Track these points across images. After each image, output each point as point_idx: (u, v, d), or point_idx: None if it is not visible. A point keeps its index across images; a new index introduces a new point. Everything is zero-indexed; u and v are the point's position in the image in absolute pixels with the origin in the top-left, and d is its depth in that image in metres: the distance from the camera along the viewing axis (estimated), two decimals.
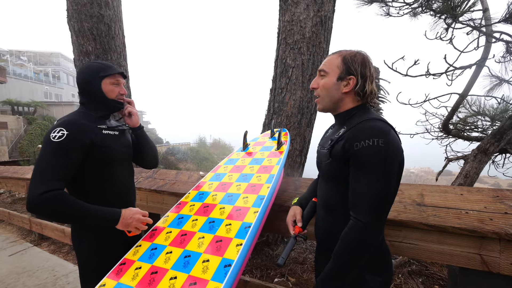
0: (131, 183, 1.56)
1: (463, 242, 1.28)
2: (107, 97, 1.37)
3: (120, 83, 1.41)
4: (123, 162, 1.46)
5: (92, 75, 1.34)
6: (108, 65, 1.38)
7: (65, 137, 1.17)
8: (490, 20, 2.86)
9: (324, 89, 1.10)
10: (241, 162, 1.96)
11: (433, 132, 4.32)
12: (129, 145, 1.53)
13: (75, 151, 1.20)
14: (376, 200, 0.89)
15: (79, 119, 1.28)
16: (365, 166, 0.91)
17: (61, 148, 1.16)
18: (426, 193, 1.49)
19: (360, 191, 0.92)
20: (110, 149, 1.34)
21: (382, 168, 0.89)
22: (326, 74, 1.09)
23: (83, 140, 1.23)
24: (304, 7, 2.84)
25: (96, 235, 1.37)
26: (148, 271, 1.18)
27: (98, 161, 1.31)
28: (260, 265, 2.79)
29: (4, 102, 21.62)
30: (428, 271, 2.56)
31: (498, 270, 1.21)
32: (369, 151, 0.90)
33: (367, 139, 0.90)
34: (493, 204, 1.32)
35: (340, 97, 1.08)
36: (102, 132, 1.34)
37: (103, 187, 1.36)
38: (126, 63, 3.98)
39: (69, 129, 1.20)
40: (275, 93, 3.10)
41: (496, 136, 2.91)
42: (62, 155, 1.16)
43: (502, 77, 3.52)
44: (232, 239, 1.24)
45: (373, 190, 0.89)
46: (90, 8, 3.43)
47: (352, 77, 1.04)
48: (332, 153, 1.04)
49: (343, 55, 1.07)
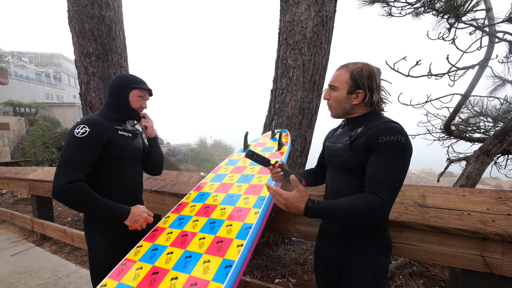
0: (140, 182, 1.68)
1: (465, 243, 1.27)
2: (130, 105, 1.53)
3: (145, 98, 1.59)
4: (133, 161, 1.59)
5: (126, 83, 1.51)
6: (141, 80, 1.57)
7: (87, 133, 1.32)
8: (493, 20, 2.85)
9: (335, 101, 1.22)
10: (242, 163, 1.95)
11: (435, 133, 4.31)
12: (141, 147, 1.67)
13: (95, 146, 1.34)
14: (394, 184, 1.03)
15: (100, 119, 1.43)
16: (388, 155, 1.04)
17: (83, 143, 1.30)
18: (428, 194, 1.48)
19: (383, 174, 1.03)
20: (123, 148, 1.47)
21: (401, 160, 1.04)
22: (337, 88, 1.20)
23: (102, 137, 1.36)
24: (305, 7, 2.83)
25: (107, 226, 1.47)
26: (149, 271, 1.18)
27: (112, 158, 1.43)
28: (260, 266, 2.78)
29: (6, 103, 21.70)
30: (429, 272, 2.55)
31: (501, 271, 1.21)
32: (392, 144, 1.03)
33: (391, 135, 1.04)
34: (495, 205, 1.32)
35: (351, 107, 1.20)
36: (118, 132, 1.47)
37: (115, 183, 1.48)
38: (127, 64, 3.99)
39: (91, 126, 1.34)
40: (276, 93, 3.09)
41: (499, 137, 2.89)
42: (84, 149, 1.30)
43: (505, 78, 3.50)
44: (233, 240, 1.24)
45: (394, 176, 1.03)
46: (90, 9, 3.44)
47: (360, 91, 1.16)
48: (353, 147, 1.14)
49: (350, 70, 1.17)
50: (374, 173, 1.05)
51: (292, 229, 1.70)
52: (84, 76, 3.63)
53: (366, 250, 1.15)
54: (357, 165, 1.12)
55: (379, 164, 1.04)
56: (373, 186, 1.03)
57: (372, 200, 1.00)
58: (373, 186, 1.03)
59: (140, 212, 1.42)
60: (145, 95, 1.59)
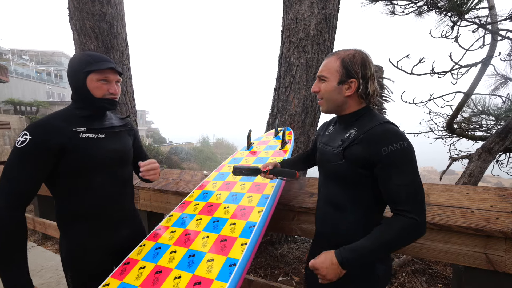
0: (123, 191, 1.37)
1: (469, 241, 1.27)
2: (93, 95, 1.19)
3: (110, 80, 1.21)
4: (106, 169, 1.25)
5: (78, 69, 1.17)
6: (98, 59, 1.19)
7: (27, 142, 1.05)
8: (496, 17, 2.84)
9: (326, 93, 1.09)
10: (245, 161, 1.95)
11: (437, 131, 4.30)
12: (122, 148, 1.33)
13: (39, 157, 1.07)
14: (417, 195, 0.93)
15: (52, 121, 1.13)
16: (400, 167, 0.93)
17: (23, 154, 1.05)
18: (432, 192, 1.48)
19: (403, 191, 0.92)
20: (87, 154, 1.17)
21: (414, 166, 0.94)
22: (326, 79, 1.08)
23: (50, 144, 1.08)
24: (308, 4, 2.82)
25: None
26: (152, 270, 1.17)
27: (72, 167, 1.15)
28: (264, 264, 2.79)
29: (7, 101, 21.69)
30: (431, 270, 2.55)
31: (504, 269, 1.21)
32: (400, 154, 0.93)
33: (394, 143, 0.93)
34: (499, 203, 1.32)
35: (343, 100, 1.08)
36: (79, 135, 1.16)
37: (78, 195, 1.20)
38: (128, 61, 3.98)
39: (33, 133, 1.07)
40: (279, 91, 3.09)
41: (501, 135, 2.89)
42: (24, 163, 1.05)
43: (508, 76, 3.49)
44: (236, 238, 1.24)
45: (413, 188, 0.93)
46: (91, 6, 3.42)
47: (353, 80, 1.03)
48: (345, 154, 1.03)
49: (341, 57, 1.05)
50: (393, 193, 0.94)
51: (295, 227, 1.70)
52: None
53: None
54: (352, 176, 1.03)
55: (393, 181, 0.93)
56: (398, 208, 0.93)
57: (403, 225, 0.91)
58: (399, 208, 0.93)
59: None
60: (109, 76, 1.20)
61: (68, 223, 1.25)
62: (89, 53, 1.21)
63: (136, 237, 1.43)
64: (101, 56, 1.21)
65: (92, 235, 1.26)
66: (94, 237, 1.27)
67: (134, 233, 1.45)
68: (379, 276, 1.07)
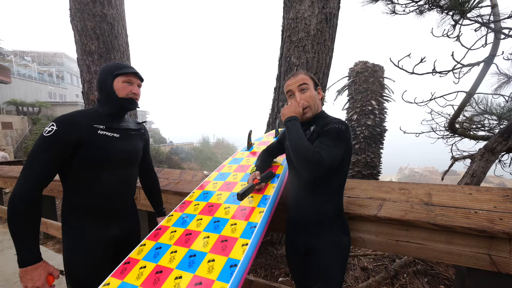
0: (127, 190, 1.48)
1: (472, 242, 1.26)
2: (117, 95, 1.37)
3: (133, 82, 1.41)
4: (116, 167, 1.37)
5: (107, 72, 1.37)
6: (124, 65, 1.40)
7: (53, 132, 1.19)
8: (499, 16, 2.82)
9: (311, 100, 1.33)
10: (246, 161, 1.94)
11: (439, 131, 4.28)
12: (132, 150, 1.47)
13: (61, 146, 1.20)
14: (332, 157, 1.16)
15: (76, 116, 1.28)
16: (330, 136, 1.20)
17: (48, 142, 1.18)
18: (434, 192, 1.47)
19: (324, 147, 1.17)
20: (101, 150, 1.30)
21: (342, 143, 1.19)
22: (308, 86, 1.33)
23: (71, 136, 1.22)
24: (308, 4, 2.81)
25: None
26: (152, 270, 1.17)
27: (86, 160, 1.27)
28: (264, 265, 2.78)
29: (9, 102, 21.80)
30: (433, 271, 2.54)
31: (508, 270, 1.19)
32: (334, 129, 1.20)
33: (335, 124, 1.21)
34: (503, 203, 1.30)
35: (319, 104, 1.36)
36: (97, 132, 1.30)
37: (93, 187, 1.32)
38: (129, 62, 3.99)
39: (59, 124, 1.21)
40: (279, 92, 3.08)
41: (504, 135, 2.87)
42: (47, 150, 1.18)
43: (510, 75, 3.47)
44: (237, 239, 1.23)
45: (333, 151, 1.17)
46: (93, 7, 3.43)
47: (319, 87, 1.36)
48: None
49: (304, 73, 1.36)
50: (317, 146, 1.18)
51: None
52: (87, 75, 3.63)
53: (333, 231, 1.29)
54: None
55: (321, 141, 1.20)
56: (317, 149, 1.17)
57: (318, 156, 1.13)
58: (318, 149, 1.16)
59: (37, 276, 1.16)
60: (132, 79, 1.41)
61: (71, 216, 1.34)
62: (119, 62, 1.48)
63: (133, 236, 1.53)
64: (128, 65, 1.44)
65: (92, 231, 1.34)
66: (95, 232, 1.34)
67: (132, 232, 1.53)
68: (348, 245, 1.32)
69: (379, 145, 7.99)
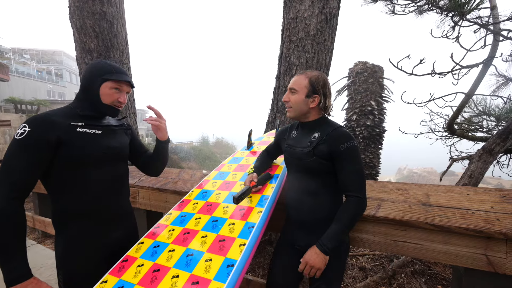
0: (115, 191, 1.36)
1: (469, 242, 1.27)
2: (101, 101, 1.25)
3: (122, 90, 1.29)
4: (102, 165, 1.27)
5: (96, 74, 1.24)
6: (118, 70, 1.28)
7: (26, 134, 1.08)
8: (498, 18, 2.82)
9: (295, 103, 1.37)
10: (245, 161, 1.94)
11: (437, 132, 4.29)
12: (119, 146, 1.36)
13: (38, 149, 1.09)
14: (363, 180, 1.28)
15: (50, 115, 1.16)
16: (351, 159, 1.26)
17: (21, 146, 1.08)
18: (432, 193, 1.47)
19: (352, 177, 1.27)
20: (82, 148, 1.19)
21: (360, 159, 1.28)
22: (296, 92, 1.36)
23: (47, 137, 1.11)
24: (308, 4, 2.81)
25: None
26: (150, 268, 1.17)
27: (68, 160, 1.17)
28: (262, 264, 2.78)
29: (7, 100, 21.70)
30: (431, 271, 2.54)
31: (504, 271, 1.20)
32: (350, 149, 1.26)
33: (347, 142, 1.26)
34: (500, 204, 1.31)
35: (307, 110, 1.37)
36: (76, 130, 1.19)
37: (73, 191, 1.22)
38: (128, 61, 3.98)
39: (32, 125, 1.10)
40: (279, 91, 3.08)
41: (502, 136, 2.88)
42: (22, 154, 1.07)
43: (509, 76, 3.48)
44: (235, 238, 1.23)
45: (360, 174, 1.27)
46: (92, 5, 3.42)
47: (316, 95, 1.34)
48: (315, 152, 1.31)
49: (309, 76, 1.35)
50: (346, 177, 1.27)
51: None
52: None
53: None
54: (320, 167, 1.32)
55: (347, 167, 1.26)
56: (348, 188, 1.27)
57: (354, 203, 1.25)
58: (349, 188, 1.27)
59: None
60: (122, 86, 1.28)
61: (62, 222, 1.25)
62: (111, 63, 1.30)
63: (130, 238, 1.43)
64: (121, 69, 1.31)
65: (86, 234, 1.26)
66: (88, 236, 1.27)
67: (128, 234, 1.44)
68: (348, 243, 1.42)
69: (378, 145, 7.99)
